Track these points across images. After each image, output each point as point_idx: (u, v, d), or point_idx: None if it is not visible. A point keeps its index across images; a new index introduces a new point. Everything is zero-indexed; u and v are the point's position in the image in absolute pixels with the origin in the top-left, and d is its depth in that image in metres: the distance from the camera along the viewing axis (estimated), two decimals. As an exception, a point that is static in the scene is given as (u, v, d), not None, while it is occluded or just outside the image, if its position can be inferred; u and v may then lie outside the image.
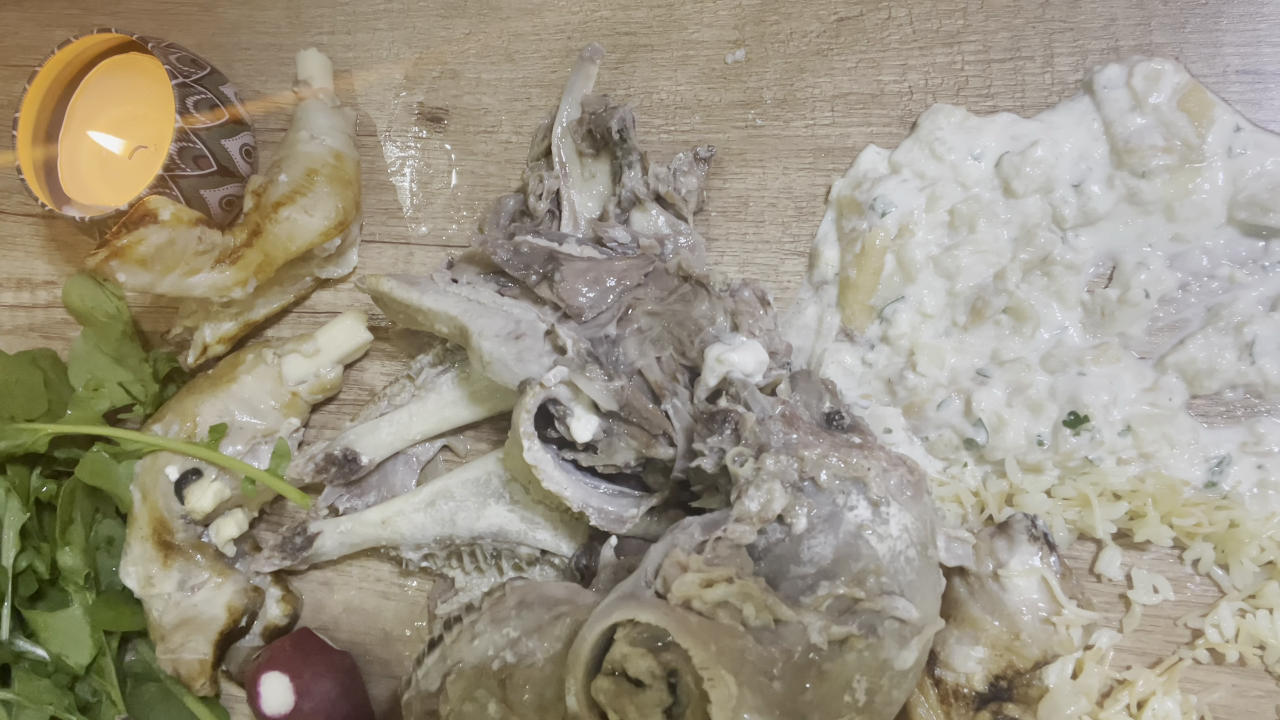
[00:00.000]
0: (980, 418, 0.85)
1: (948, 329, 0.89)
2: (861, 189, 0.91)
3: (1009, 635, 0.77)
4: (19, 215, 1.20)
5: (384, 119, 1.09)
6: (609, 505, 0.85)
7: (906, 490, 0.72)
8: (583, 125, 0.95)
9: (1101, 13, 0.90)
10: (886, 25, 0.95)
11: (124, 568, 0.97)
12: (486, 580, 0.94)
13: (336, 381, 1.03)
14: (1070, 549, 0.85)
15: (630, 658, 0.64)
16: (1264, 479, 0.81)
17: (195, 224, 0.94)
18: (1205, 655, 0.81)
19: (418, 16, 1.09)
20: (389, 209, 1.08)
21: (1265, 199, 0.81)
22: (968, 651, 0.77)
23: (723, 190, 0.98)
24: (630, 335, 0.86)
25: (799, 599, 0.67)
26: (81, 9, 1.21)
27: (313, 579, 1.03)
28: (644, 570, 0.71)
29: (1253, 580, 0.81)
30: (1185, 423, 0.83)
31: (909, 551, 0.70)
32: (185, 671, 0.96)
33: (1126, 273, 0.85)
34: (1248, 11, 0.87)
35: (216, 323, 1.03)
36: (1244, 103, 0.85)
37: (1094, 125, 0.87)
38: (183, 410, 0.99)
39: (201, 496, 0.96)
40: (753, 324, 0.86)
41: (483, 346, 0.86)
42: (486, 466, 0.93)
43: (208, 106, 1.03)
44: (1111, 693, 0.82)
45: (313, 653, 0.95)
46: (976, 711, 0.77)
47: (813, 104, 0.96)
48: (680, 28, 1.01)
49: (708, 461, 0.76)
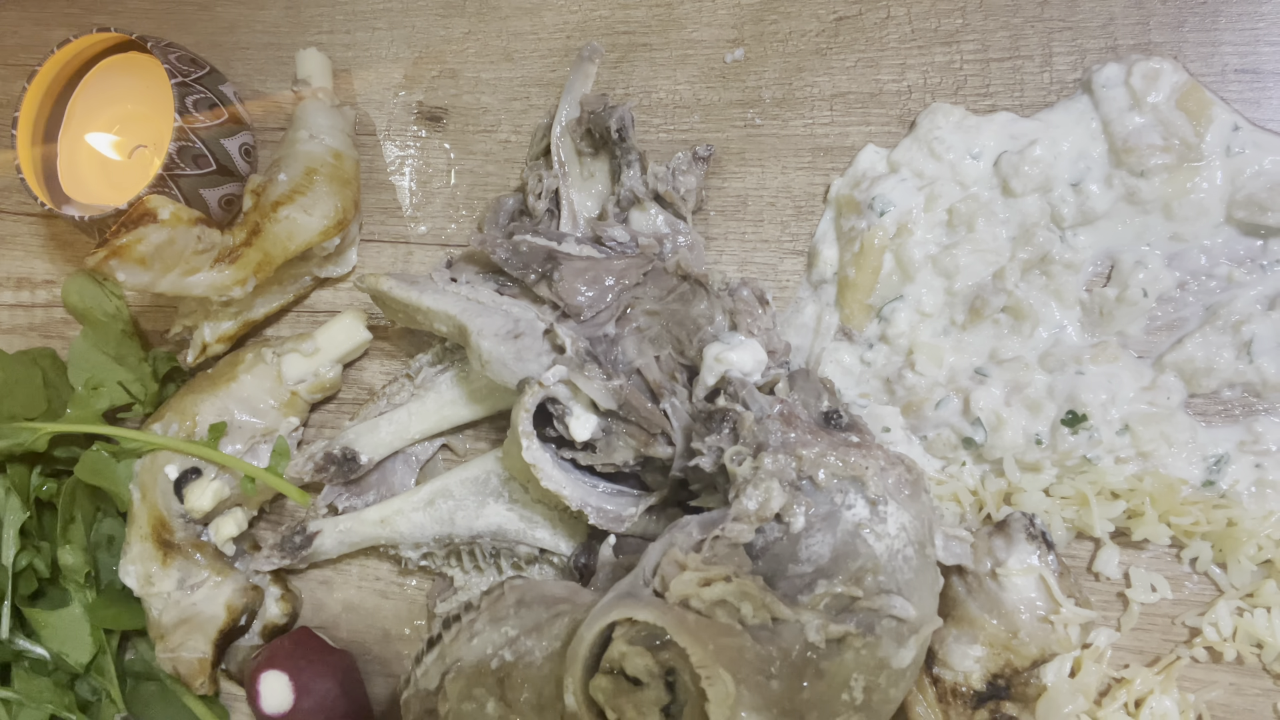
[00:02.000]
0: (979, 416, 0.85)
1: (946, 328, 0.89)
2: (860, 188, 0.91)
3: (1007, 633, 0.77)
4: (18, 214, 1.20)
5: (383, 118, 1.09)
6: (607, 504, 0.85)
7: (904, 489, 0.72)
8: (582, 124, 0.95)
9: (1100, 12, 0.90)
10: (885, 24, 0.95)
11: (123, 566, 0.97)
12: (485, 579, 0.94)
13: (336, 380, 1.03)
14: (1068, 548, 0.85)
15: (628, 656, 0.64)
16: (1262, 478, 0.81)
17: (194, 223, 0.94)
18: (1203, 654, 0.81)
19: (417, 16, 1.09)
20: (388, 208, 1.08)
21: (1263, 198, 0.81)
22: (965, 650, 0.77)
23: (721, 189, 0.98)
24: (629, 334, 0.86)
25: (797, 598, 0.67)
26: (81, 8, 1.21)
27: (312, 578, 1.04)
28: (642, 569, 0.71)
29: (1250, 579, 0.81)
30: (1183, 421, 0.83)
31: (907, 550, 0.70)
32: (185, 670, 0.96)
33: (1125, 272, 0.85)
34: (1246, 10, 0.87)
35: (216, 322, 1.03)
36: (1242, 102, 0.85)
37: (1092, 124, 0.87)
38: (182, 409, 0.99)
39: (201, 495, 0.96)
40: (751, 323, 0.86)
41: (482, 345, 0.87)
42: (485, 465, 0.93)
43: (207, 106, 1.03)
44: (1109, 691, 0.82)
45: (312, 651, 0.95)
46: (974, 710, 0.77)
47: (811, 103, 0.96)
48: (679, 27, 1.01)
49: (706, 460, 0.77)
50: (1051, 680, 0.76)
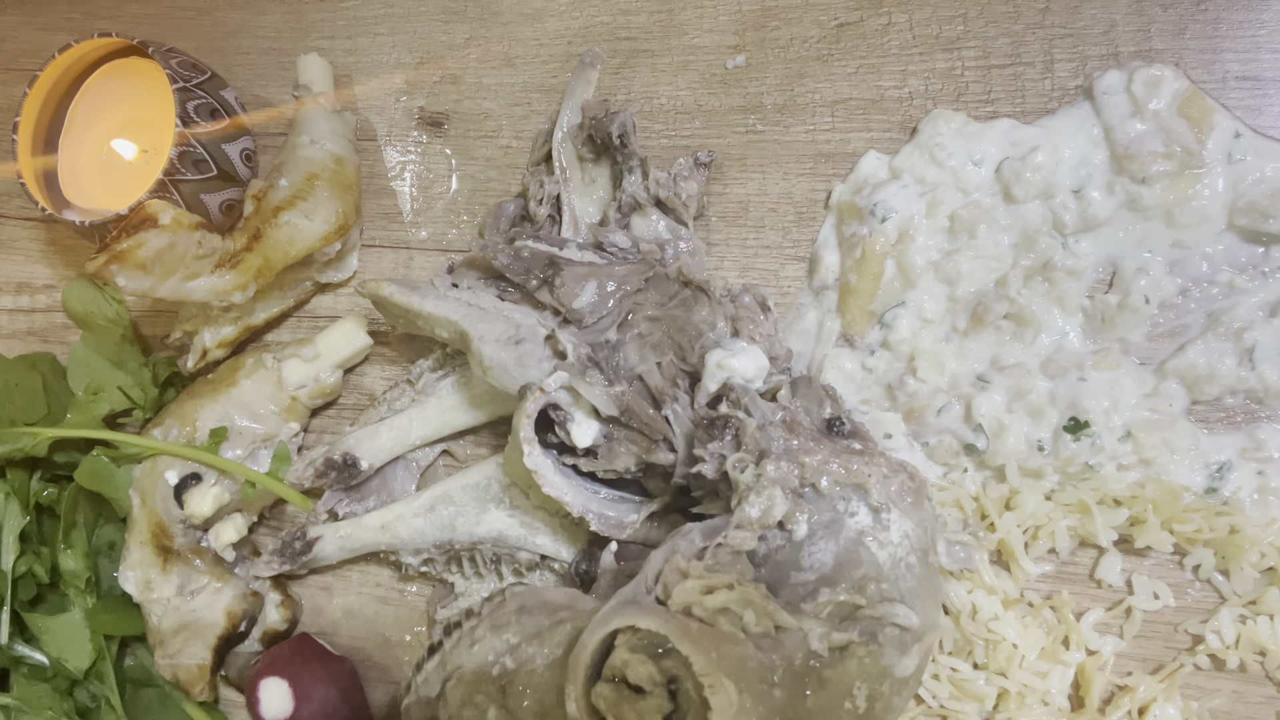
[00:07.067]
0: (980, 423, 0.85)
1: (948, 334, 0.89)
2: (862, 194, 0.91)
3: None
4: (19, 219, 1.20)
5: (384, 124, 1.09)
6: (609, 510, 0.85)
7: (907, 497, 0.72)
8: (583, 130, 0.95)
9: (1101, 19, 0.90)
10: (887, 31, 0.95)
11: (123, 572, 0.97)
12: (486, 585, 0.94)
13: (336, 386, 1.03)
14: (1071, 555, 0.85)
15: (631, 664, 0.64)
16: (1264, 485, 0.81)
17: (195, 228, 0.94)
18: (1206, 661, 0.81)
19: (418, 21, 1.09)
20: (389, 214, 1.08)
21: (1265, 205, 0.81)
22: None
23: (723, 195, 0.98)
24: (631, 340, 0.86)
25: (800, 606, 0.67)
26: (82, 13, 1.21)
27: (312, 584, 1.03)
28: (644, 576, 0.71)
29: (1253, 586, 0.80)
30: (1185, 428, 0.83)
31: (910, 558, 0.70)
32: (184, 677, 0.96)
33: (1127, 278, 0.85)
34: (1247, 18, 0.87)
35: (216, 327, 1.02)
36: (1244, 109, 0.85)
37: (1094, 131, 0.87)
38: (182, 414, 0.99)
39: (201, 501, 0.96)
40: (753, 329, 0.86)
41: (483, 351, 0.86)
42: (486, 471, 0.93)
43: (208, 111, 1.03)
44: (1113, 699, 0.82)
45: (312, 658, 0.94)
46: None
47: (813, 109, 0.96)
48: (680, 33, 1.01)
49: (708, 467, 0.76)
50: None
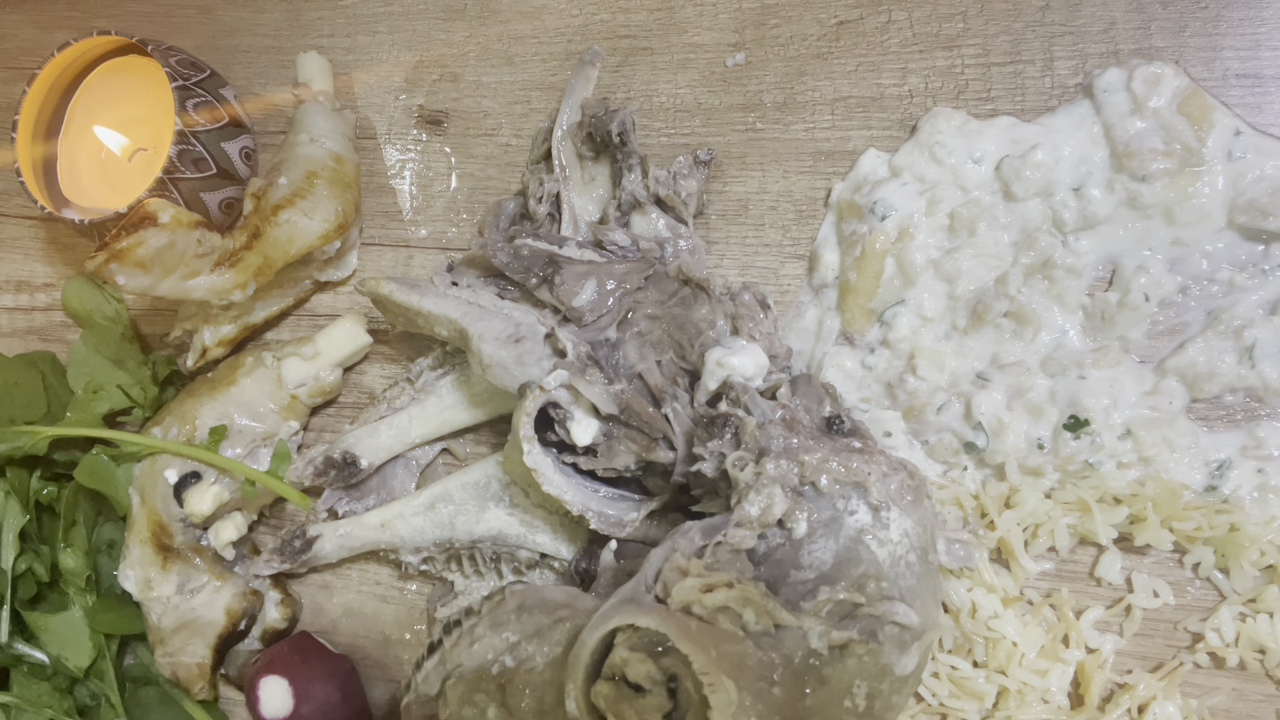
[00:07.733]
0: (980, 421, 0.85)
1: (948, 332, 0.89)
2: (861, 192, 0.91)
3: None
4: (18, 218, 1.20)
5: (384, 122, 1.09)
6: (609, 509, 0.85)
7: (907, 495, 0.72)
8: (583, 128, 0.95)
9: (1101, 16, 0.90)
10: (886, 29, 0.95)
11: (123, 571, 0.97)
12: (486, 584, 0.94)
13: (336, 384, 1.03)
14: (1071, 553, 0.85)
15: (630, 663, 0.64)
16: (1264, 483, 0.81)
17: (195, 227, 0.94)
18: (1205, 659, 0.81)
19: (418, 19, 1.09)
20: (389, 212, 1.08)
21: (1265, 203, 0.81)
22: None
23: (723, 193, 0.98)
24: (630, 339, 0.86)
25: (799, 604, 0.67)
26: (81, 11, 1.21)
27: (312, 582, 1.03)
28: (644, 575, 0.71)
29: (1253, 584, 0.80)
30: (1185, 426, 0.83)
31: (909, 556, 0.70)
32: (184, 675, 0.96)
33: (1126, 276, 0.85)
34: (1247, 15, 0.87)
35: (216, 325, 1.02)
36: (1244, 106, 0.85)
37: (1094, 129, 0.87)
38: (182, 413, 0.99)
39: (200, 499, 0.96)
40: (753, 328, 0.86)
41: (483, 350, 0.86)
42: (486, 470, 0.93)
43: (207, 109, 1.03)
44: (1112, 697, 0.82)
45: (311, 656, 0.94)
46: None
47: (813, 107, 0.96)
48: (680, 31, 1.01)
49: (708, 465, 0.76)
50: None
